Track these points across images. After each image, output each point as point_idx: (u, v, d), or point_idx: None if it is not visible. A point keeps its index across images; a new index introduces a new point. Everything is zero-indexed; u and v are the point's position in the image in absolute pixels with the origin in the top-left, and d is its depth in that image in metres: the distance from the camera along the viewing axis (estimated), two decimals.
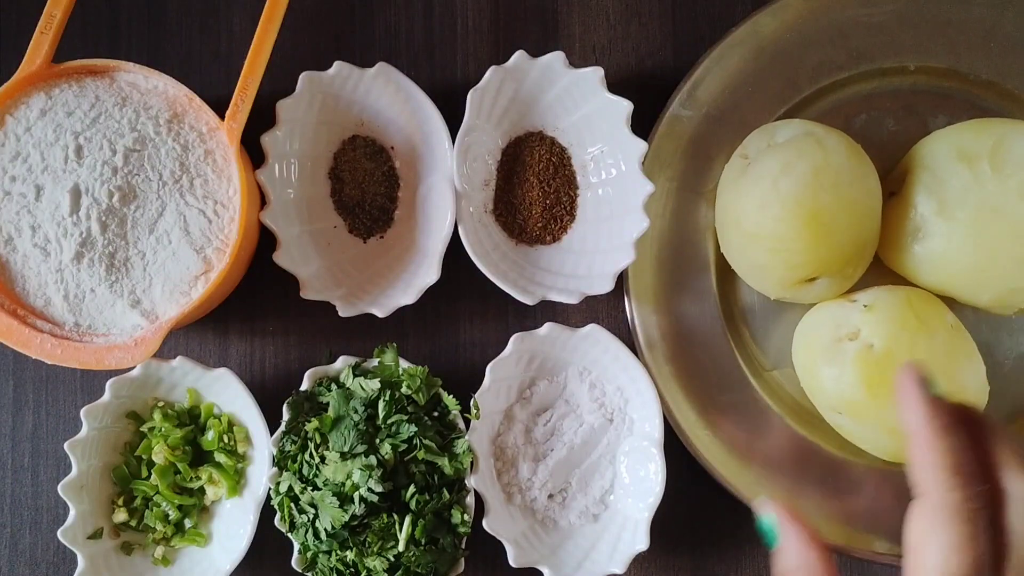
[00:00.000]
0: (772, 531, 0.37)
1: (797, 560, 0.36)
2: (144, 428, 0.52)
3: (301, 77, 0.49)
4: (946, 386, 0.48)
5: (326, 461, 0.48)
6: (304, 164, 0.52)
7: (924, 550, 0.34)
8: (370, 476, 0.47)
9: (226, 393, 0.51)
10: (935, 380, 0.36)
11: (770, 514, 0.37)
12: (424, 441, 0.48)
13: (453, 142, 0.50)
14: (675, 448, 0.51)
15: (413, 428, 0.48)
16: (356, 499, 0.47)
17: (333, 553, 0.48)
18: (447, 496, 0.49)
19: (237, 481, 0.51)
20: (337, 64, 0.50)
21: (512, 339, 0.50)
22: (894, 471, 0.53)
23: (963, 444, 0.34)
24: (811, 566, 0.35)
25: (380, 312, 0.50)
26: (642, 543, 0.49)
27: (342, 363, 0.50)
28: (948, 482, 0.34)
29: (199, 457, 0.52)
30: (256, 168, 0.50)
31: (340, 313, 0.49)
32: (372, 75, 0.50)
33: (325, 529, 0.47)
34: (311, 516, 0.48)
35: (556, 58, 0.49)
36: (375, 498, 0.47)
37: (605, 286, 0.50)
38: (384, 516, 0.47)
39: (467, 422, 0.50)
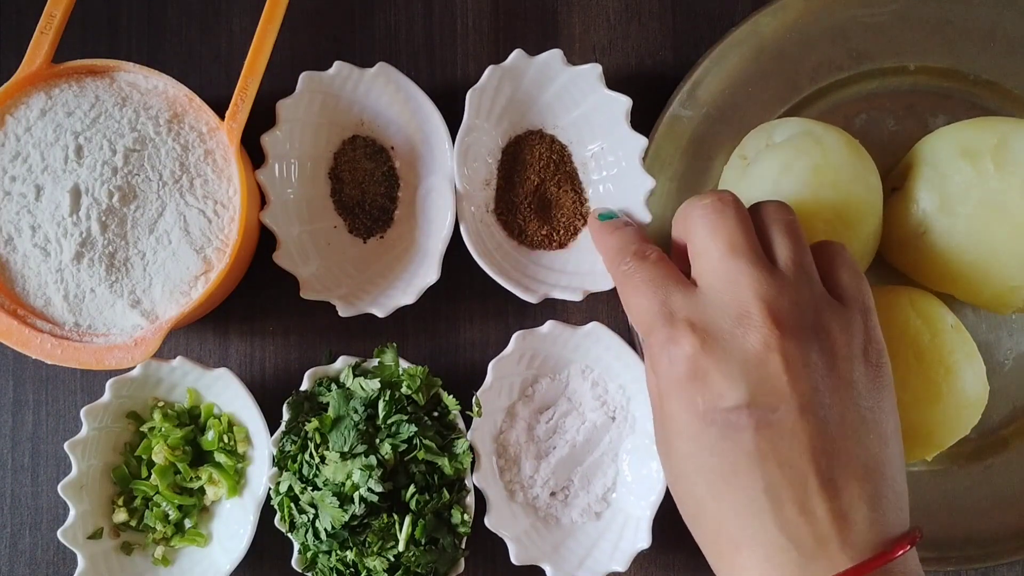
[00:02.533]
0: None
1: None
2: (144, 428, 0.52)
3: (301, 77, 0.49)
4: (947, 385, 0.48)
5: (326, 461, 0.48)
6: (304, 164, 0.52)
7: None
8: (370, 476, 0.47)
9: (226, 393, 0.51)
10: (603, 211, 0.48)
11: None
12: (424, 441, 0.48)
13: (453, 142, 0.50)
14: None
15: (413, 428, 0.48)
16: (356, 499, 0.47)
17: (333, 553, 0.48)
18: (447, 496, 0.49)
19: (237, 481, 0.51)
20: (337, 64, 0.50)
21: (514, 337, 0.50)
22: None
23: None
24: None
25: (380, 312, 0.49)
26: (644, 541, 0.49)
27: (342, 363, 0.50)
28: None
29: (199, 457, 0.52)
30: (256, 168, 0.50)
31: (340, 313, 0.49)
32: (372, 75, 0.50)
33: (325, 529, 0.47)
34: (311, 516, 0.48)
35: (554, 56, 0.49)
36: (375, 498, 0.47)
37: (607, 283, 0.50)
38: (384, 516, 0.47)
39: (469, 420, 0.50)
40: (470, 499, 0.49)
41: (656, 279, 0.40)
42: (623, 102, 0.49)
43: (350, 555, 0.47)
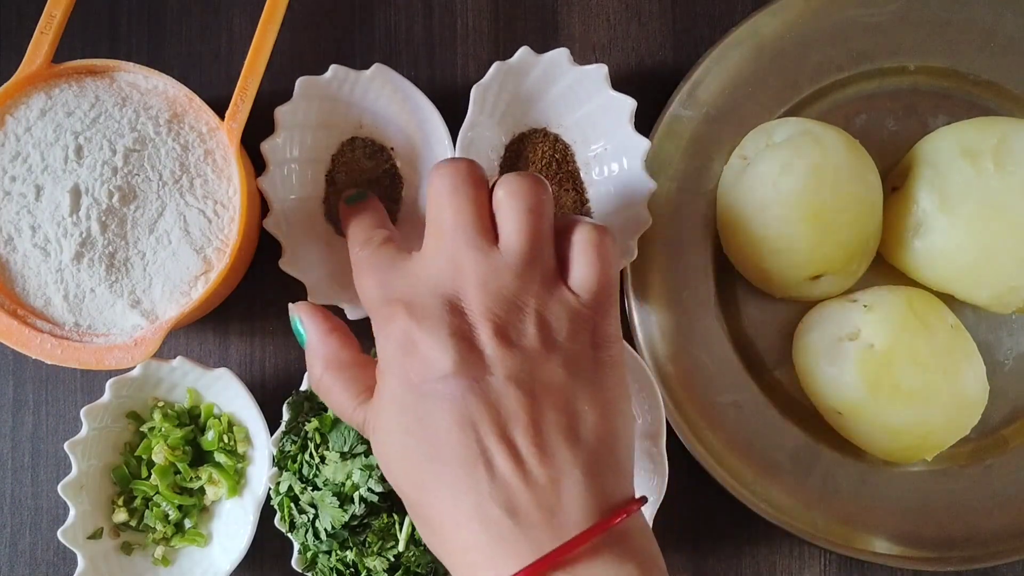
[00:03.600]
0: (300, 332, 0.42)
1: (322, 349, 0.41)
2: (144, 428, 0.52)
3: (298, 83, 0.49)
4: (947, 385, 0.48)
5: (326, 461, 0.48)
6: (305, 169, 0.52)
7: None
8: (370, 476, 0.47)
9: (226, 393, 0.51)
10: (350, 195, 0.48)
11: (296, 316, 0.43)
12: None
13: (453, 141, 0.50)
14: (675, 448, 0.51)
15: None
16: (356, 499, 0.47)
17: (333, 553, 0.48)
18: None
19: (237, 481, 0.51)
20: (333, 68, 0.49)
21: None
22: (894, 471, 0.53)
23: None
24: (332, 349, 0.41)
25: None
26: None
27: None
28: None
29: (199, 457, 0.52)
30: (257, 175, 0.50)
31: (349, 316, 0.49)
32: (368, 77, 0.50)
33: (325, 529, 0.47)
34: (311, 516, 0.48)
35: (560, 55, 0.49)
36: (375, 498, 0.47)
37: None
38: (384, 516, 0.47)
39: None
40: None
41: (377, 264, 0.41)
42: (628, 104, 0.49)
43: (350, 555, 0.47)
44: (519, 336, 0.37)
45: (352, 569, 0.48)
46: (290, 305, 0.44)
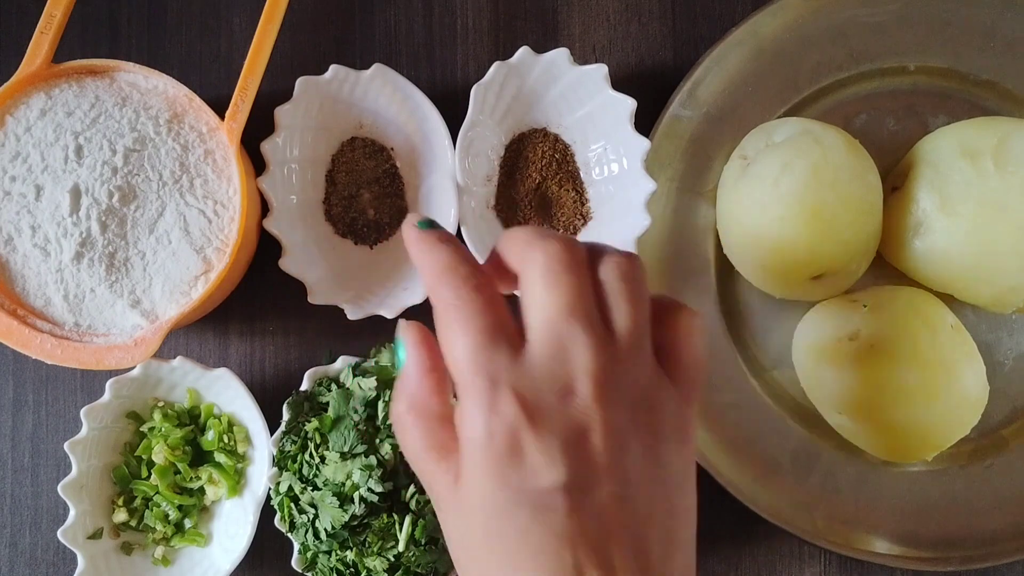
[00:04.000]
0: (401, 358, 0.38)
1: (413, 387, 0.37)
2: (144, 428, 0.52)
3: (298, 82, 0.49)
4: (947, 385, 0.48)
5: (326, 461, 0.48)
6: (305, 169, 0.52)
7: (450, 342, 0.35)
8: (370, 476, 0.47)
9: (226, 393, 0.51)
10: (423, 219, 0.38)
11: (400, 339, 0.38)
12: None
13: (453, 141, 0.50)
14: None
15: None
16: (356, 499, 0.47)
17: (333, 553, 0.48)
18: None
19: (237, 481, 0.51)
20: (333, 68, 0.49)
21: None
22: (894, 471, 0.53)
23: (458, 249, 0.37)
24: (424, 392, 0.37)
25: (388, 313, 0.49)
26: None
27: (342, 363, 0.50)
28: (453, 272, 0.36)
29: (199, 457, 0.52)
30: (257, 175, 0.50)
31: (349, 316, 0.49)
32: (368, 77, 0.50)
33: (325, 529, 0.47)
34: (311, 516, 0.48)
35: (560, 55, 0.49)
36: (375, 498, 0.47)
37: None
38: (384, 516, 0.47)
39: None
40: None
41: (486, 328, 0.35)
42: (628, 104, 0.49)
43: (350, 555, 0.47)
44: (628, 440, 0.34)
45: (352, 569, 0.48)
46: (400, 322, 0.38)
